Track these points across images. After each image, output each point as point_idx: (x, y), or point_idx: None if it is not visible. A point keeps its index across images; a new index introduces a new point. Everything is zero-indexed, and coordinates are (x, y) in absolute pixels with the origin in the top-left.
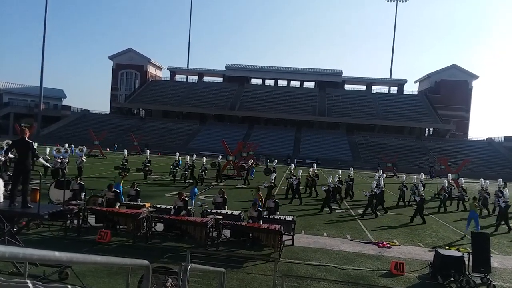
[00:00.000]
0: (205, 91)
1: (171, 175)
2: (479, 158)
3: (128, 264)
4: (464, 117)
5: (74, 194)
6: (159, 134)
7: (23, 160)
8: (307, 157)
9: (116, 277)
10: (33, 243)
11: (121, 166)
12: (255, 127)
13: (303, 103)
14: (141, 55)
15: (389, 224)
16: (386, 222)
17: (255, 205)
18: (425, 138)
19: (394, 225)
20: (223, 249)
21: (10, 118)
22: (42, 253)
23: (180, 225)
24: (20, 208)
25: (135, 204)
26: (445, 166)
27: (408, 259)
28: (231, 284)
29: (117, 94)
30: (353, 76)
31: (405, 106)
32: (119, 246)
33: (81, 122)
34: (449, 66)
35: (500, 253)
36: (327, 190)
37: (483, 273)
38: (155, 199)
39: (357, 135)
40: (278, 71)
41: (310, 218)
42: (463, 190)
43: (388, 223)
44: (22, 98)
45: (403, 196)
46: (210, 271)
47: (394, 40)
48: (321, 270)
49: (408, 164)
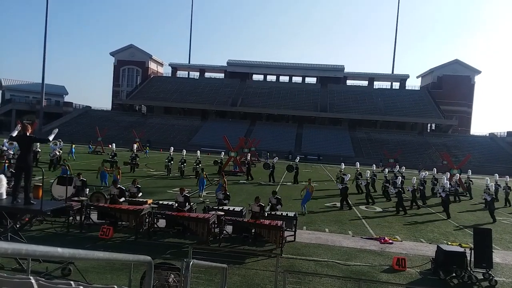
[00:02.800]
0: (207, 87)
1: (179, 170)
2: (481, 154)
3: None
4: (467, 113)
5: (77, 190)
6: (161, 130)
7: (25, 157)
8: (309, 153)
9: (119, 273)
10: (36, 239)
11: (111, 160)
12: (257, 123)
13: (305, 98)
14: (143, 51)
15: (390, 220)
16: (388, 218)
17: (257, 199)
18: (427, 133)
19: (396, 221)
20: (225, 245)
21: (12, 115)
22: (45, 249)
23: (182, 221)
24: (23, 205)
25: (137, 201)
26: (447, 161)
27: (410, 254)
28: (233, 280)
29: (118, 90)
30: (355, 72)
31: (407, 101)
32: (121, 242)
33: (83, 118)
34: (452, 61)
35: (502, 249)
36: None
37: (485, 268)
38: (157, 195)
39: (359, 131)
40: (280, 66)
41: (312, 214)
42: (457, 185)
43: (390, 219)
44: (24, 94)
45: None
46: (212, 267)
47: (396, 35)
48: (323, 266)
49: (410, 160)
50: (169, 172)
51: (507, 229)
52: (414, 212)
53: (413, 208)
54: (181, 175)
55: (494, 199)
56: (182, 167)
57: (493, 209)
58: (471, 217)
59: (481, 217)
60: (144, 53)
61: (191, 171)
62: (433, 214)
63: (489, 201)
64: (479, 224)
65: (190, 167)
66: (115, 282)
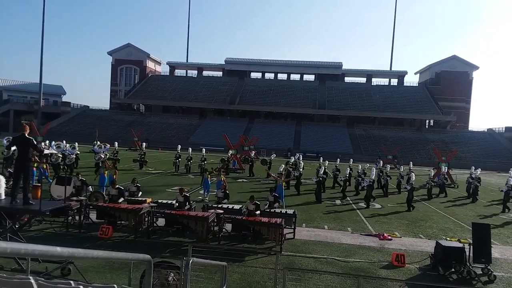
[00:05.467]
0: (205, 86)
1: (186, 167)
2: (480, 149)
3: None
4: (465, 108)
5: (76, 190)
6: (159, 129)
7: (24, 157)
8: (308, 150)
9: (118, 272)
10: (35, 239)
11: (113, 158)
12: (255, 121)
13: (303, 96)
14: (140, 50)
15: (389, 216)
16: (387, 214)
17: (252, 199)
18: (426, 129)
19: (394, 217)
20: (224, 243)
21: (10, 115)
22: (44, 249)
23: (182, 219)
24: (22, 205)
25: (136, 200)
26: (436, 155)
27: (409, 250)
28: (233, 277)
29: (116, 89)
30: (353, 69)
31: (406, 98)
32: (121, 242)
33: (81, 118)
34: (450, 57)
35: (500, 244)
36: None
37: (484, 263)
38: (156, 194)
39: (358, 128)
40: (278, 64)
41: (311, 211)
42: (444, 178)
43: (388, 215)
44: (22, 95)
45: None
46: (212, 265)
47: (394, 32)
48: (322, 262)
49: (409, 156)
50: (177, 169)
51: (507, 224)
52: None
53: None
54: (187, 171)
55: (414, 188)
56: (189, 164)
57: (411, 198)
58: (469, 212)
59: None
60: (142, 52)
61: (197, 168)
62: (432, 210)
63: (409, 189)
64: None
65: (196, 163)
66: (114, 281)
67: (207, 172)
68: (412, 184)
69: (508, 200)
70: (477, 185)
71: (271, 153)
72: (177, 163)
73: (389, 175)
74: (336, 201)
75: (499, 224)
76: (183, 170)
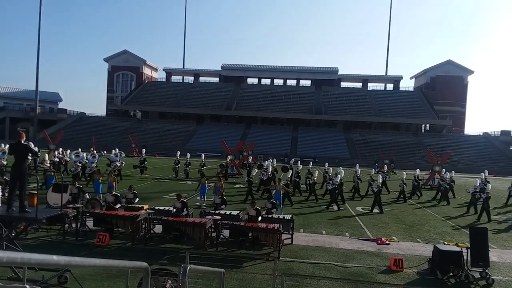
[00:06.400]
0: (201, 92)
1: (185, 173)
2: (475, 153)
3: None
4: (460, 112)
5: (73, 198)
6: (156, 135)
7: (20, 164)
8: (305, 156)
9: (116, 280)
10: (32, 247)
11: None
12: (252, 126)
13: (299, 101)
14: (137, 56)
15: (387, 221)
16: (384, 218)
17: (253, 204)
18: (422, 134)
19: (392, 221)
20: (222, 250)
21: (6, 123)
22: (40, 257)
23: (179, 226)
24: (18, 213)
25: (133, 206)
26: (430, 159)
27: (407, 255)
28: (231, 284)
29: (113, 96)
30: (349, 74)
31: (401, 102)
32: (118, 249)
33: (78, 125)
34: (445, 62)
35: (498, 247)
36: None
37: (482, 267)
38: (153, 200)
39: (354, 133)
40: (274, 70)
41: (309, 216)
42: (440, 180)
43: (386, 219)
44: (18, 102)
45: (403, 192)
46: (209, 271)
47: (389, 37)
48: (320, 268)
49: (405, 161)
50: (176, 174)
51: (503, 229)
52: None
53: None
54: (186, 176)
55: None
56: (187, 169)
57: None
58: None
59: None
60: (138, 59)
61: (196, 173)
62: (429, 214)
63: (376, 192)
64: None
65: (195, 169)
66: None
67: (205, 177)
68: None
69: (474, 202)
70: (446, 187)
71: (268, 158)
72: (176, 168)
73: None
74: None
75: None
76: (182, 175)
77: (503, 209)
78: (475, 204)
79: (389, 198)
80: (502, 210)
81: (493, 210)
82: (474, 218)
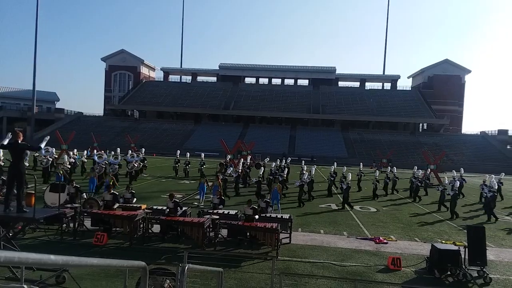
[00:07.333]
0: (199, 91)
1: (184, 172)
2: (473, 152)
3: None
4: (458, 112)
5: (71, 197)
6: (154, 135)
7: (17, 164)
8: (303, 155)
9: (114, 279)
10: (30, 247)
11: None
12: (250, 126)
13: (297, 101)
14: (134, 56)
15: (385, 220)
16: (382, 217)
17: (249, 203)
18: (419, 133)
19: (390, 220)
20: (220, 249)
21: (3, 122)
22: (38, 257)
23: (177, 225)
24: (15, 213)
25: (131, 206)
26: (425, 158)
27: (404, 254)
28: (229, 283)
29: (110, 96)
30: (347, 73)
31: (399, 101)
32: (116, 249)
33: (75, 125)
34: (442, 61)
35: (495, 246)
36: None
37: (479, 266)
38: (151, 200)
39: (352, 132)
40: (272, 69)
41: (307, 216)
42: (426, 178)
43: (384, 218)
44: (15, 102)
45: (411, 189)
46: (208, 271)
47: (387, 36)
48: (318, 267)
49: (402, 160)
50: (176, 173)
51: (500, 227)
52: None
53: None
54: (186, 176)
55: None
56: (187, 168)
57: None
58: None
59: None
60: (136, 58)
61: (196, 172)
62: (427, 213)
63: (345, 189)
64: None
65: (195, 168)
66: None
67: (205, 177)
68: (455, 191)
69: (443, 200)
70: (418, 184)
71: (266, 158)
72: (176, 167)
73: (378, 179)
74: (370, 209)
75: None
76: (182, 174)
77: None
78: (443, 201)
79: (392, 197)
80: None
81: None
82: (473, 218)
